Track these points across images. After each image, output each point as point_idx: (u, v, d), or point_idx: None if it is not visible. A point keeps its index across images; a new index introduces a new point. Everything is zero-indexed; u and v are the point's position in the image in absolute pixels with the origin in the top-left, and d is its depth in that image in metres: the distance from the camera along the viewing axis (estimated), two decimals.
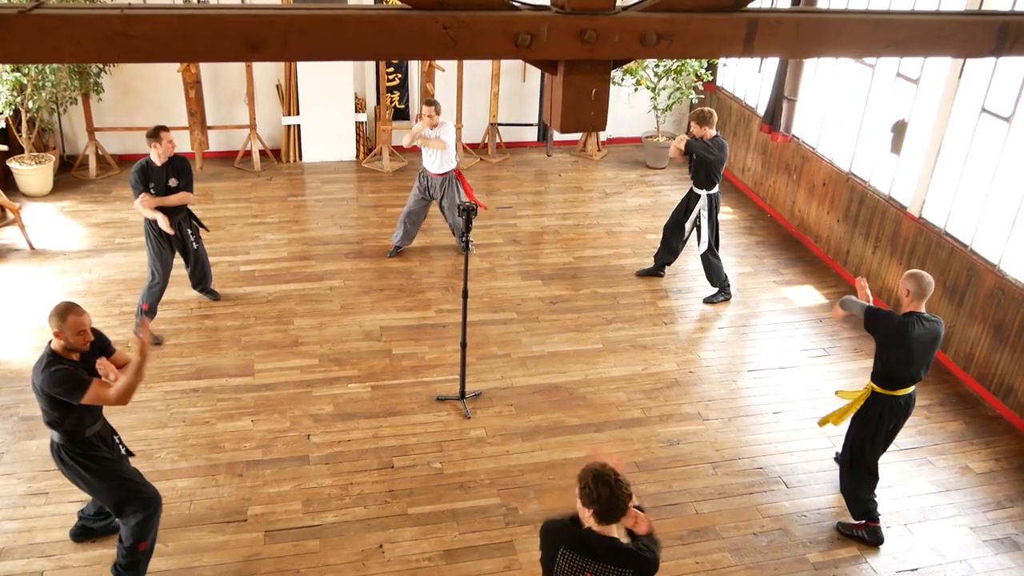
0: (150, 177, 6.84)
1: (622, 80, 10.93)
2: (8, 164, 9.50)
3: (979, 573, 5.36)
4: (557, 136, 11.62)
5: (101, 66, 9.62)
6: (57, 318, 4.30)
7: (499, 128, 11.34)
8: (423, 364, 7.04)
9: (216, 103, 10.59)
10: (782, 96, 9.32)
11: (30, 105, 9.19)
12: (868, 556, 5.44)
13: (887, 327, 5.17)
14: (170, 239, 7.08)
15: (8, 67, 8.69)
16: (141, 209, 6.85)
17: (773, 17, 2.38)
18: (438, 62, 10.31)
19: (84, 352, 4.45)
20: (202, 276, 7.59)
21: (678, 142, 7.71)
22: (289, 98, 10.59)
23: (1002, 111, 6.79)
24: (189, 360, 6.92)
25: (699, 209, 7.99)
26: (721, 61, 11.09)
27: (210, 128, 10.47)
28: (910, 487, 6.02)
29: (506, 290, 8.23)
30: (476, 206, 6.20)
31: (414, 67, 10.87)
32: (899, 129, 7.44)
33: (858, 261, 8.63)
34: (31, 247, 8.50)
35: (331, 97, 10.58)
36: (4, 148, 9.27)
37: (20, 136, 9.46)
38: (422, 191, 8.43)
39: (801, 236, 9.62)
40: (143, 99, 10.38)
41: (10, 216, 8.72)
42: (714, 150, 7.70)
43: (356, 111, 10.86)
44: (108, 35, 2.00)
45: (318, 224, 9.38)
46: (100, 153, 10.25)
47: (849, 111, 8.76)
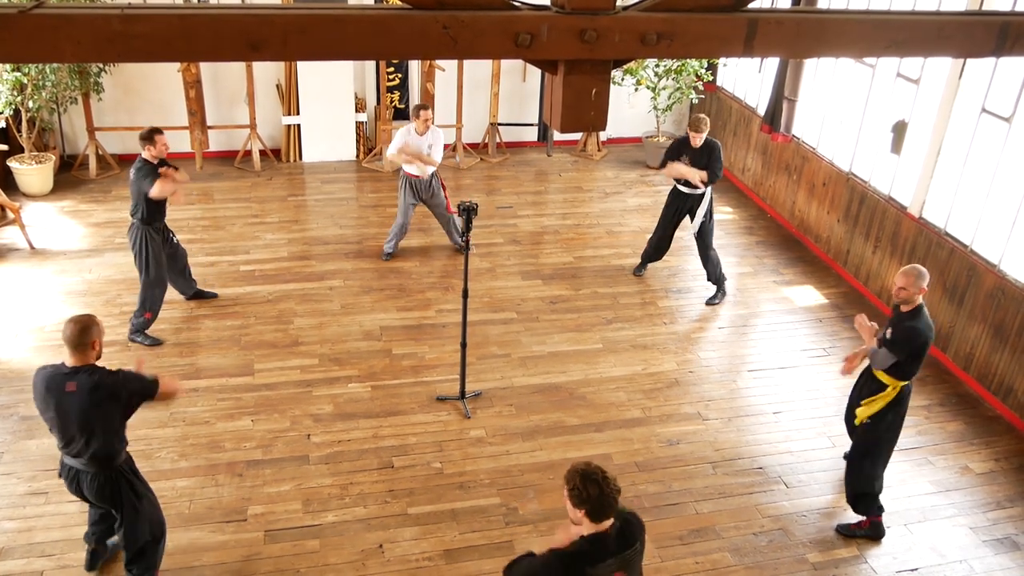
0: (156, 174, 6.86)
1: (622, 80, 10.92)
2: (8, 164, 9.50)
3: (979, 573, 5.36)
4: (557, 136, 11.62)
5: (101, 66, 9.62)
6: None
7: (499, 128, 11.34)
8: (423, 364, 7.04)
9: (216, 103, 10.59)
10: (782, 96, 9.32)
11: (30, 105, 9.20)
12: (868, 556, 5.44)
13: (927, 341, 5.16)
14: (162, 241, 7.10)
15: (8, 67, 8.69)
16: (163, 191, 6.82)
17: (773, 17, 2.38)
18: (438, 62, 10.31)
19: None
20: (184, 272, 7.54)
21: (680, 171, 7.86)
22: (289, 98, 10.59)
23: (1002, 111, 6.79)
24: (189, 360, 6.92)
25: (707, 203, 8.04)
26: (721, 61, 11.09)
27: (210, 128, 10.48)
28: (910, 487, 6.02)
29: (506, 290, 8.23)
30: (477, 206, 6.19)
31: (414, 67, 10.86)
32: (899, 129, 7.44)
33: (858, 261, 8.63)
34: (31, 247, 8.50)
35: (331, 97, 10.58)
36: (4, 148, 9.26)
37: (20, 136, 9.46)
38: (414, 195, 8.40)
39: (801, 236, 9.62)
40: (143, 99, 10.38)
41: (10, 216, 8.72)
42: (720, 155, 7.91)
43: (356, 111, 10.85)
44: (108, 35, 2.00)
45: (318, 224, 9.38)
46: (100, 153, 10.25)
47: (849, 111, 8.76)
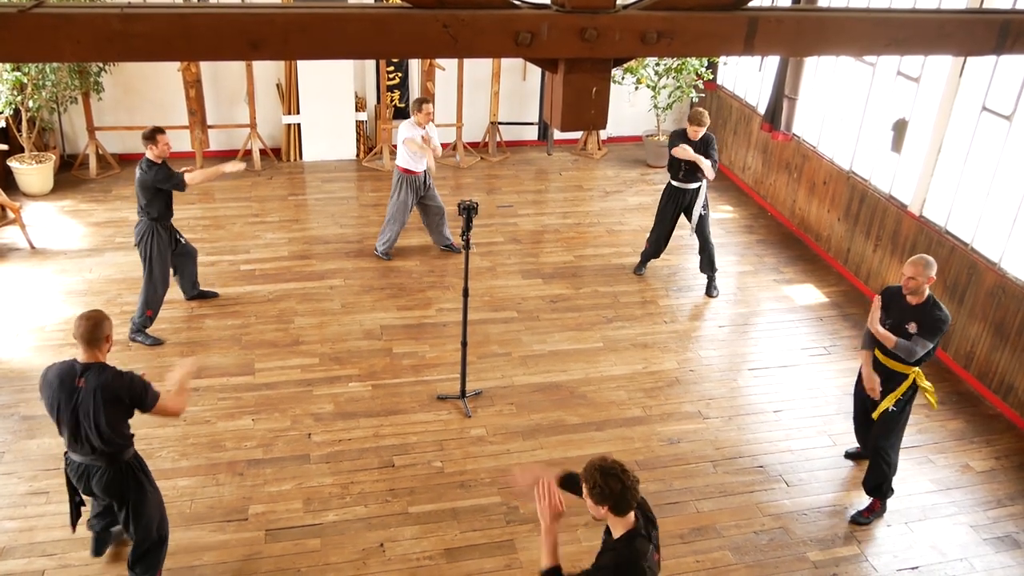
0: (166, 170, 6.94)
1: (622, 79, 10.92)
2: (8, 163, 9.50)
3: (979, 571, 5.36)
4: (557, 135, 11.63)
5: (101, 65, 9.62)
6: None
7: (499, 127, 11.34)
8: (424, 363, 7.04)
9: (216, 102, 10.59)
10: (783, 95, 9.32)
11: (30, 104, 9.19)
12: (869, 554, 5.44)
13: (947, 326, 5.29)
14: (169, 240, 7.12)
15: (8, 66, 8.69)
16: (199, 179, 7.03)
17: (774, 15, 2.38)
18: (438, 61, 10.31)
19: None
20: (192, 268, 7.59)
21: (690, 154, 7.78)
22: (289, 97, 10.59)
23: (1003, 109, 6.79)
24: (189, 359, 6.91)
25: (703, 197, 8.09)
26: (722, 60, 11.09)
27: (210, 127, 10.48)
28: (911, 485, 6.02)
29: (506, 289, 8.23)
30: (477, 205, 6.19)
31: (414, 66, 10.86)
32: (900, 127, 7.44)
33: (859, 260, 8.63)
34: (31, 246, 8.50)
35: (331, 96, 10.58)
36: (4, 147, 9.26)
37: (20, 135, 9.46)
38: (415, 194, 8.39)
39: (801, 235, 9.62)
40: (143, 98, 10.38)
41: (10, 215, 8.72)
42: (716, 147, 7.99)
43: (356, 110, 10.85)
44: (108, 34, 2.00)
45: (318, 223, 9.38)
46: (100, 152, 10.25)
47: (850, 110, 8.76)
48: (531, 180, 10.84)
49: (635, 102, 11.54)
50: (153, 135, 6.81)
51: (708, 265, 8.26)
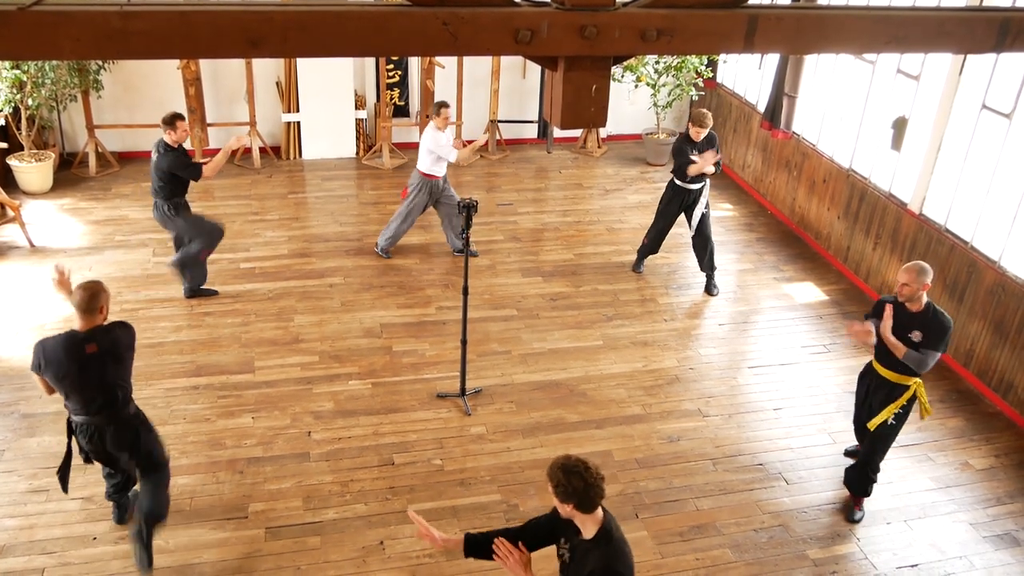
0: (184, 157, 7.06)
1: (622, 76, 10.91)
2: (8, 161, 9.49)
3: (979, 569, 5.36)
4: (557, 133, 11.62)
5: (100, 63, 9.61)
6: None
7: (499, 125, 11.33)
8: (423, 361, 7.04)
9: (216, 100, 10.58)
10: (782, 92, 9.32)
11: (30, 102, 9.18)
12: (868, 552, 5.44)
13: (951, 330, 5.24)
14: (187, 206, 7.35)
15: (7, 64, 8.68)
16: (213, 170, 7.15)
17: (773, 13, 2.38)
18: (438, 59, 10.31)
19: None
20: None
21: (706, 166, 7.80)
22: (289, 95, 10.58)
23: (1003, 108, 6.78)
24: (189, 357, 6.93)
25: (705, 197, 8.12)
26: (721, 57, 11.08)
27: (210, 125, 10.47)
28: (910, 483, 6.02)
29: (506, 287, 8.23)
30: (477, 203, 6.19)
31: (414, 64, 10.86)
32: (899, 126, 7.44)
33: (858, 258, 8.63)
34: (31, 244, 8.50)
35: (331, 94, 10.57)
36: (4, 145, 9.26)
37: (20, 133, 9.46)
38: (431, 197, 8.36)
39: (801, 233, 9.62)
40: (143, 96, 10.37)
41: (10, 213, 8.71)
42: (718, 145, 8.04)
43: (356, 108, 10.85)
44: (108, 32, 2.00)
45: (318, 221, 9.38)
46: (100, 150, 10.24)
47: (849, 108, 8.75)
48: (531, 178, 10.84)
49: (635, 100, 11.54)
50: (173, 120, 6.94)
51: (708, 263, 8.27)
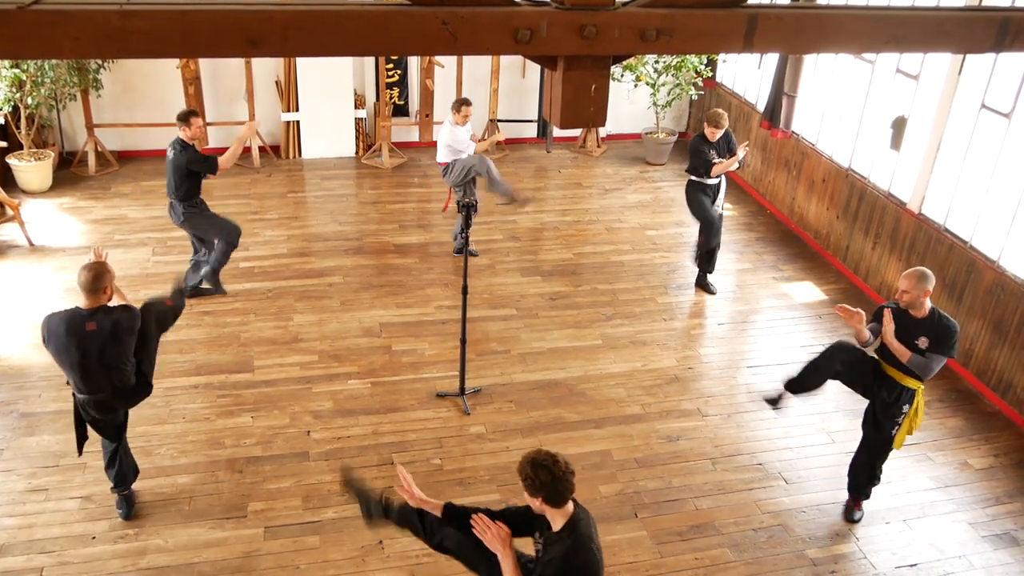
0: (197, 152, 7.06)
1: (622, 76, 10.91)
2: (7, 160, 9.49)
3: (978, 569, 5.37)
4: (557, 132, 11.62)
5: (100, 62, 9.61)
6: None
7: (498, 124, 11.33)
8: (423, 360, 7.04)
9: (215, 99, 10.58)
10: (782, 92, 9.32)
11: (29, 101, 9.18)
12: (867, 552, 5.45)
13: (958, 334, 5.18)
14: (204, 206, 7.36)
15: (7, 63, 8.67)
16: (229, 160, 7.19)
17: (773, 13, 2.38)
18: (438, 58, 10.30)
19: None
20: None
21: (730, 166, 7.92)
22: (288, 94, 10.58)
23: (1002, 107, 6.79)
24: (189, 356, 6.92)
25: (722, 196, 8.15)
26: (721, 57, 11.08)
27: (209, 124, 10.46)
28: (909, 483, 6.03)
29: (506, 286, 8.23)
30: (476, 202, 6.20)
31: (413, 63, 10.85)
32: (899, 125, 7.43)
33: (857, 257, 8.63)
34: (30, 243, 8.50)
35: (330, 93, 10.57)
36: (3, 144, 9.26)
37: (19, 132, 9.45)
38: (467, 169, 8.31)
39: (800, 232, 9.62)
40: (142, 95, 10.37)
41: (9, 212, 8.71)
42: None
43: (355, 107, 10.85)
44: (107, 31, 2.00)
45: (317, 220, 9.38)
46: (99, 149, 10.24)
47: (849, 107, 8.76)
48: (530, 178, 10.84)
49: (634, 99, 11.55)
50: (188, 116, 6.95)
51: (708, 260, 8.24)
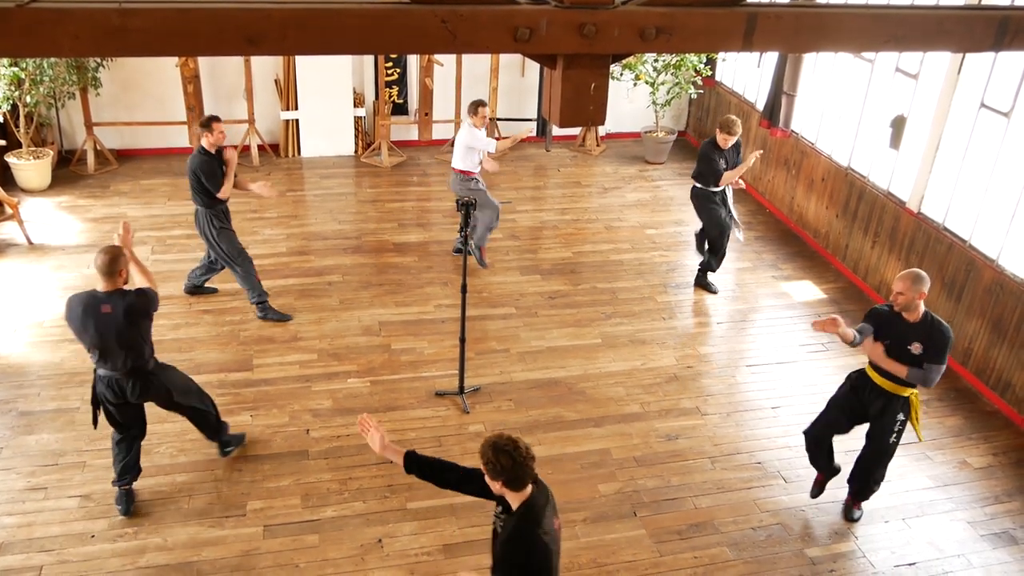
0: (215, 164, 6.98)
1: (621, 75, 10.91)
2: (6, 159, 9.48)
3: (977, 567, 5.37)
4: (556, 131, 11.61)
5: (99, 60, 9.60)
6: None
7: (498, 123, 11.32)
8: (422, 359, 7.04)
9: (214, 98, 10.57)
10: (781, 91, 9.31)
11: (28, 100, 9.17)
12: (866, 550, 5.45)
13: (952, 339, 5.12)
14: (224, 218, 7.25)
15: (6, 61, 8.67)
16: (229, 192, 7.14)
17: (772, 11, 2.38)
18: (437, 56, 10.30)
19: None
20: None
21: (737, 177, 7.90)
22: (287, 93, 10.57)
23: (1001, 106, 6.79)
24: (188, 355, 6.92)
25: (731, 199, 8.09)
26: (720, 56, 11.08)
27: None
28: (908, 482, 6.03)
29: (505, 285, 8.23)
30: (475, 202, 6.19)
31: (413, 61, 10.85)
32: (898, 124, 7.43)
33: (857, 256, 8.63)
34: (29, 242, 8.50)
35: (329, 92, 10.56)
36: (2, 143, 9.25)
37: (18, 131, 9.44)
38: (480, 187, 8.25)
39: (800, 231, 9.62)
40: (141, 94, 10.36)
41: (8, 211, 8.71)
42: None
43: (354, 106, 10.84)
44: (106, 29, 2.00)
45: (317, 219, 9.38)
46: (98, 148, 10.23)
47: (848, 106, 8.76)
48: (529, 176, 10.84)
49: (634, 98, 11.55)
50: (209, 123, 6.91)
51: (710, 263, 8.21)
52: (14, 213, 8.56)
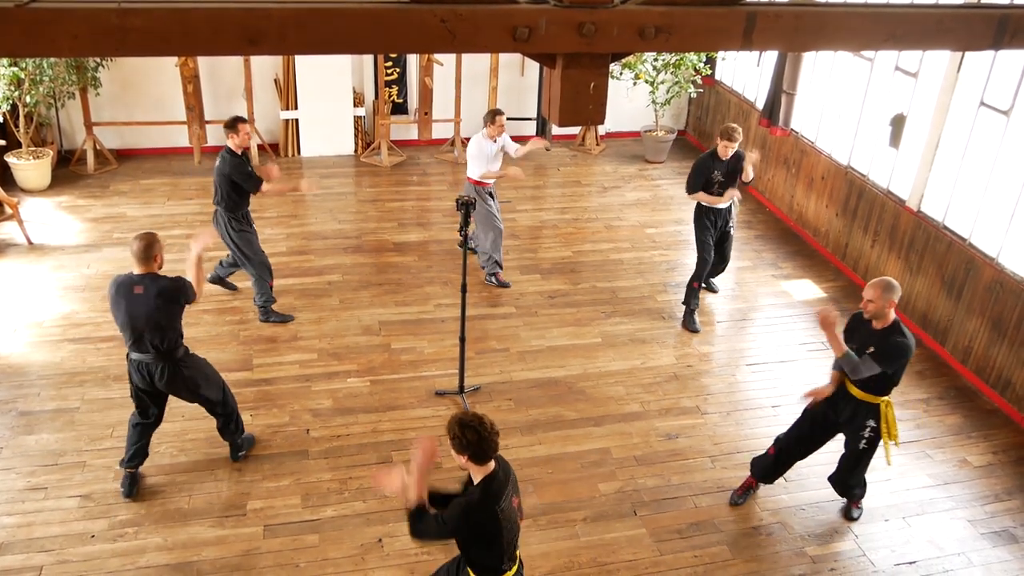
0: (246, 164, 6.94)
1: (620, 74, 10.91)
2: (6, 159, 9.48)
3: (977, 566, 5.37)
4: (556, 130, 11.61)
5: (99, 60, 9.60)
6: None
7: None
8: (422, 358, 7.04)
9: (214, 98, 10.57)
10: (781, 90, 9.31)
11: (28, 100, 9.17)
12: (866, 549, 5.45)
13: (912, 352, 5.01)
14: (245, 223, 7.20)
15: (5, 61, 8.67)
16: (275, 190, 7.22)
17: (772, 10, 2.38)
18: (436, 56, 10.29)
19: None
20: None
21: (730, 199, 7.58)
22: (287, 92, 10.57)
23: (1001, 105, 6.79)
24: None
25: (735, 214, 7.84)
26: (720, 55, 11.08)
27: (208, 123, 10.43)
28: (908, 480, 6.03)
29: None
30: (475, 200, 6.19)
31: (412, 61, 10.85)
32: (897, 123, 7.43)
33: (856, 255, 8.63)
34: (29, 242, 8.49)
35: (329, 91, 10.56)
36: (2, 143, 9.25)
37: (18, 131, 9.44)
38: (492, 200, 8.10)
39: (800, 230, 9.62)
40: (141, 94, 10.36)
41: (8, 211, 8.71)
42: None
43: (354, 105, 10.84)
44: (106, 29, 2.00)
45: (316, 219, 9.38)
46: (98, 148, 10.23)
47: (848, 105, 8.76)
48: (529, 175, 10.83)
49: (633, 97, 11.54)
50: (235, 124, 6.85)
51: (714, 275, 8.17)
52: (14, 213, 8.56)
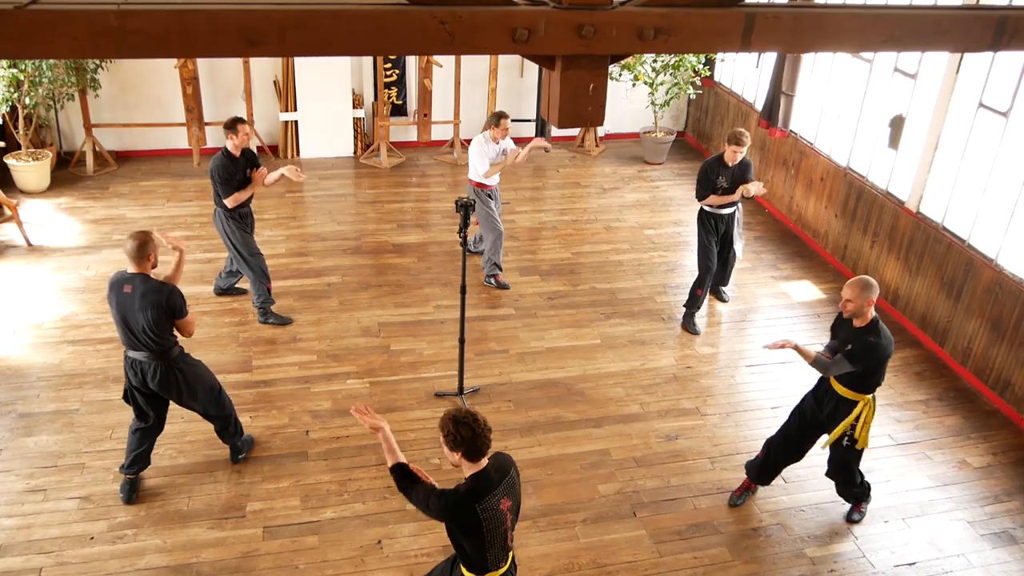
0: (236, 169, 6.91)
1: (620, 75, 10.91)
2: (5, 160, 9.48)
3: (976, 567, 5.37)
4: (555, 131, 11.62)
5: (98, 62, 9.60)
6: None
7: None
8: (421, 360, 7.04)
9: (213, 99, 10.57)
10: (780, 91, 9.32)
11: (27, 101, 9.17)
12: (866, 550, 5.45)
13: (889, 355, 5.03)
14: (243, 223, 7.16)
15: (5, 63, 8.66)
16: (237, 199, 6.99)
17: (771, 12, 2.38)
18: (436, 58, 10.30)
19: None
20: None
21: (730, 198, 7.45)
22: (286, 94, 10.57)
23: (999, 106, 6.80)
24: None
25: (739, 224, 7.77)
26: (719, 56, 11.09)
27: (207, 124, 10.44)
28: (908, 481, 6.03)
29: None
30: (474, 202, 6.18)
31: (412, 63, 10.85)
32: (897, 124, 7.44)
33: (856, 256, 8.64)
34: (28, 244, 8.49)
35: (328, 93, 10.57)
36: (1, 144, 9.24)
37: (17, 132, 9.44)
38: (493, 204, 8.06)
39: (799, 231, 9.63)
40: (140, 95, 10.37)
41: (7, 213, 8.71)
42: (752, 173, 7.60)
43: (353, 107, 10.84)
44: (105, 31, 2.00)
45: (316, 220, 9.38)
46: (97, 149, 10.23)
47: (847, 106, 8.76)
48: (528, 177, 10.84)
49: (632, 99, 11.55)
50: (234, 124, 6.86)
51: (721, 277, 8.12)
52: (13, 215, 8.55)
